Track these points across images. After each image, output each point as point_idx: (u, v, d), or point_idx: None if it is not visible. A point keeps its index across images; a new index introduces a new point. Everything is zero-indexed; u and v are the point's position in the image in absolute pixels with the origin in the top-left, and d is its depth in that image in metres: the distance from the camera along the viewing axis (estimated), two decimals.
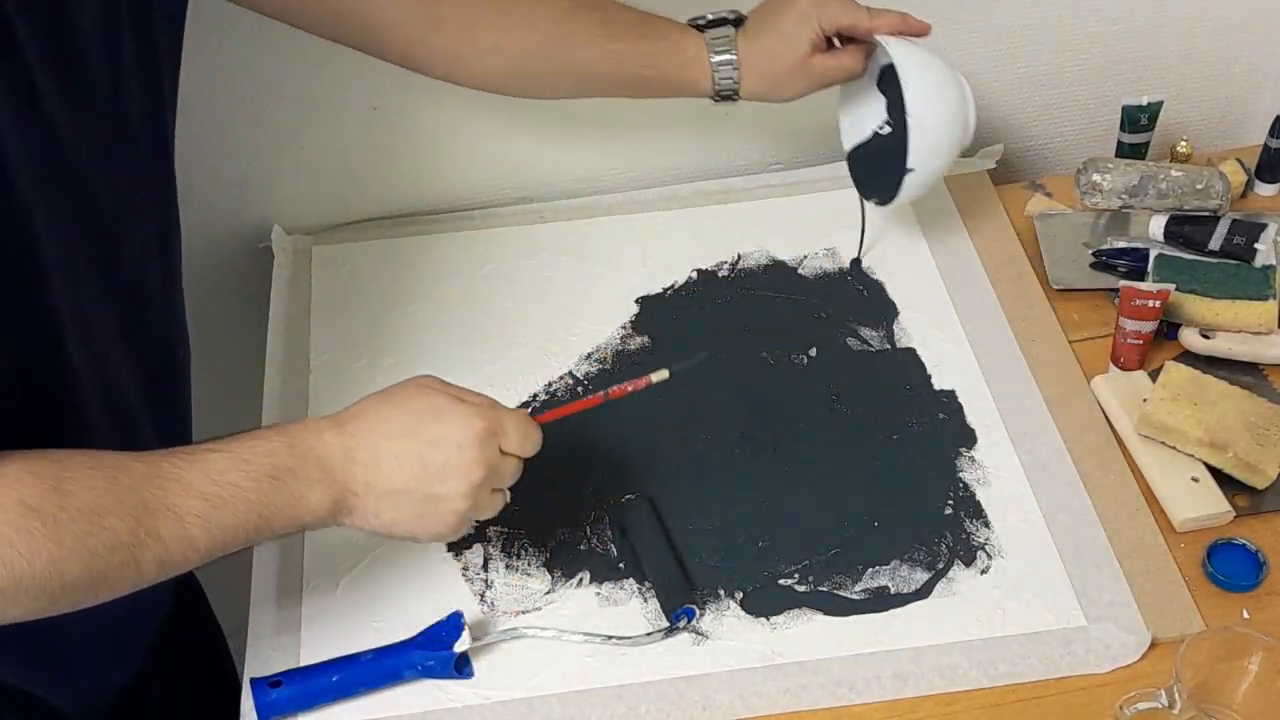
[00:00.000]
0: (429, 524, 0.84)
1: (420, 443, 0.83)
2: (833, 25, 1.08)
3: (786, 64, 1.08)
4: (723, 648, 0.94)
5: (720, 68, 1.07)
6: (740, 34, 1.08)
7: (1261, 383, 1.11)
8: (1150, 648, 0.93)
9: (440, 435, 0.83)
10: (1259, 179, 1.27)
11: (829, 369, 1.13)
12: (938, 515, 1.02)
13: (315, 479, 0.80)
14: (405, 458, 0.82)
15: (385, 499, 0.82)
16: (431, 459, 0.82)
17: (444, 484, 0.83)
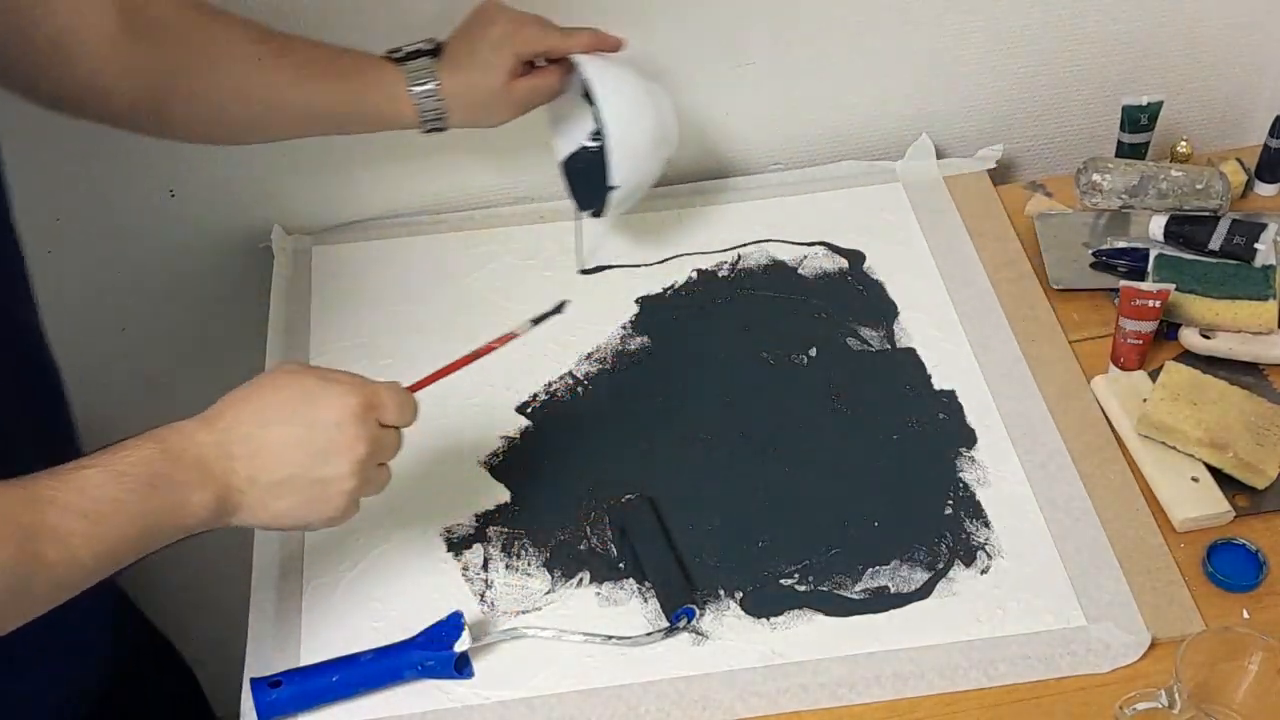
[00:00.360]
0: (320, 508, 0.83)
1: (298, 427, 0.82)
2: (529, 50, 1.07)
3: (487, 91, 1.07)
4: (723, 648, 0.94)
5: (423, 100, 1.05)
6: (440, 64, 1.06)
7: (1261, 383, 1.11)
8: (1150, 648, 0.93)
9: (316, 417, 0.82)
10: (1259, 179, 1.27)
11: (829, 369, 1.13)
12: (938, 515, 1.02)
13: (195, 481, 0.79)
14: (285, 445, 0.81)
15: (271, 490, 0.82)
16: (312, 442, 0.82)
17: (329, 465, 0.82)
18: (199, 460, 0.80)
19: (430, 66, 1.06)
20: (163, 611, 1.61)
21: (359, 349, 1.16)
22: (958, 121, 1.36)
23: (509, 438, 1.09)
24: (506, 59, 1.06)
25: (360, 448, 0.83)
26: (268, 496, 0.82)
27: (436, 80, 1.05)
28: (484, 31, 1.06)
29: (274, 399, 0.83)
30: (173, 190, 1.27)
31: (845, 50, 1.29)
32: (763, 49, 1.28)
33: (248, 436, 0.81)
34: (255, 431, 0.81)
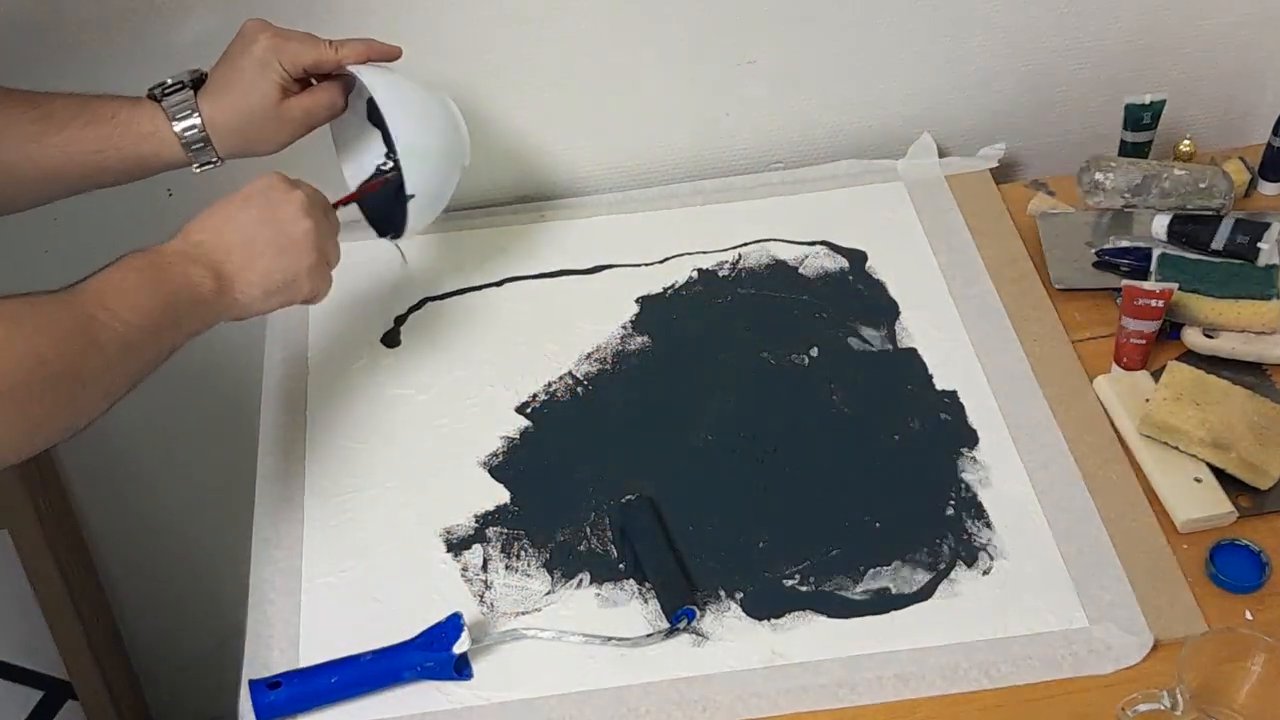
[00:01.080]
0: (294, 254, 0.93)
1: (238, 202, 0.93)
2: (296, 65, 1.02)
3: (257, 115, 1.02)
4: (723, 648, 0.94)
5: (186, 134, 1.00)
6: (202, 95, 1.01)
7: (1265, 383, 1.10)
8: (1152, 649, 0.92)
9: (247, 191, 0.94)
10: (1262, 178, 1.27)
11: (829, 369, 1.13)
12: (939, 516, 1.02)
13: (186, 262, 0.89)
14: (234, 215, 0.92)
15: (246, 250, 0.92)
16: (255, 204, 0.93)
17: (280, 211, 0.93)
18: (180, 252, 0.90)
19: (191, 99, 1.01)
20: (163, 611, 1.62)
21: (359, 349, 1.16)
22: (959, 120, 1.36)
23: (509, 438, 1.09)
24: (273, 77, 1.01)
25: (297, 192, 0.94)
26: (248, 256, 0.92)
27: (197, 112, 1.00)
28: (247, 51, 1.01)
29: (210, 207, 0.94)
30: (171, 190, 1.27)
31: (845, 50, 1.29)
32: (763, 49, 1.27)
33: (203, 226, 0.92)
34: (207, 221, 0.93)
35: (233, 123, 1.02)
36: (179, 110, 1.01)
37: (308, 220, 0.94)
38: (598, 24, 1.23)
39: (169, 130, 1.01)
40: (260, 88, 1.01)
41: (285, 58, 1.02)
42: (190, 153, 1.02)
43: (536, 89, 1.26)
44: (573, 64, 1.25)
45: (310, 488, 1.05)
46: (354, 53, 1.04)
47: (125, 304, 0.85)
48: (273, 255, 0.93)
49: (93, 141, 1.00)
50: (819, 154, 1.35)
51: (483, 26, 1.21)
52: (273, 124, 1.03)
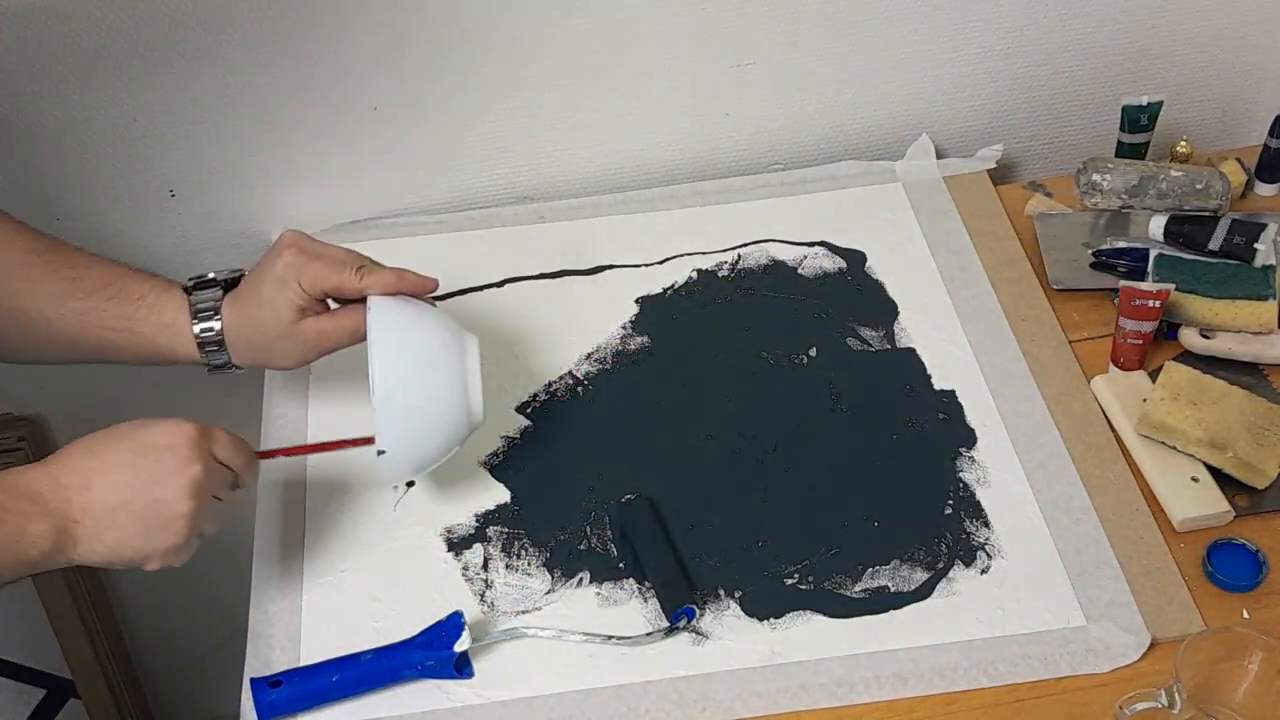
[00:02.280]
0: (157, 536, 0.83)
1: (129, 452, 0.83)
2: (316, 287, 0.96)
3: (271, 331, 0.96)
4: (723, 648, 0.94)
5: (202, 334, 0.97)
6: (230, 298, 0.98)
7: (1261, 383, 1.11)
8: (1150, 648, 0.93)
9: (148, 441, 0.83)
10: (1259, 179, 1.27)
11: (829, 369, 1.13)
12: (938, 515, 1.02)
13: (29, 511, 0.79)
14: (115, 469, 0.82)
15: (104, 519, 0.81)
16: (143, 465, 0.82)
17: (162, 486, 0.82)
18: (31, 493, 0.80)
19: (217, 300, 0.97)
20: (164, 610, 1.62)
21: (359, 349, 1.16)
22: (958, 121, 1.36)
23: (509, 438, 1.09)
24: (290, 296, 0.95)
25: (195, 466, 0.83)
26: (102, 525, 0.81)
27: (218, 316, 0.97)
28: (271, 265, 0.96)
29: (106, 435, 0.85)
30: (173, 190, 1.27)
31: (845, 50, 1.29)
32: (763, 49, 1.28)
33: (79, 467, 0.82)
34: (85, 460, 0.83)
35: (247, 334, 0.97)
36: (203, 309, 0.97)
37: (190, 503, 0.83)
38: (598, 24, 1.23)
39: (186, 327, 0.97)
40: (275, 305, 0.96)
41: (305, 278, 0.95)
42: (204, 353, 0.98)
43: (537, 89, 1.27)
44: (573, 64, 1.26)
45: (311, 488, 1.06)
46: (380, 283, 0.96)
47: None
48: (132, 531, 0.83)
49: (113, 319, 0.96)
50: (818, 155, 1.36)
51: (483, 26, 1.21)
52: (286, 343, 0.97)
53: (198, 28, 1.16)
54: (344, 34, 1.19)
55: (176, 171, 1.26)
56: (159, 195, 1.27)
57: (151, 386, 1.41)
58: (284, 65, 1.20)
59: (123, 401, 1.40)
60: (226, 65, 1.19)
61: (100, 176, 1.24)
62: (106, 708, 1.52)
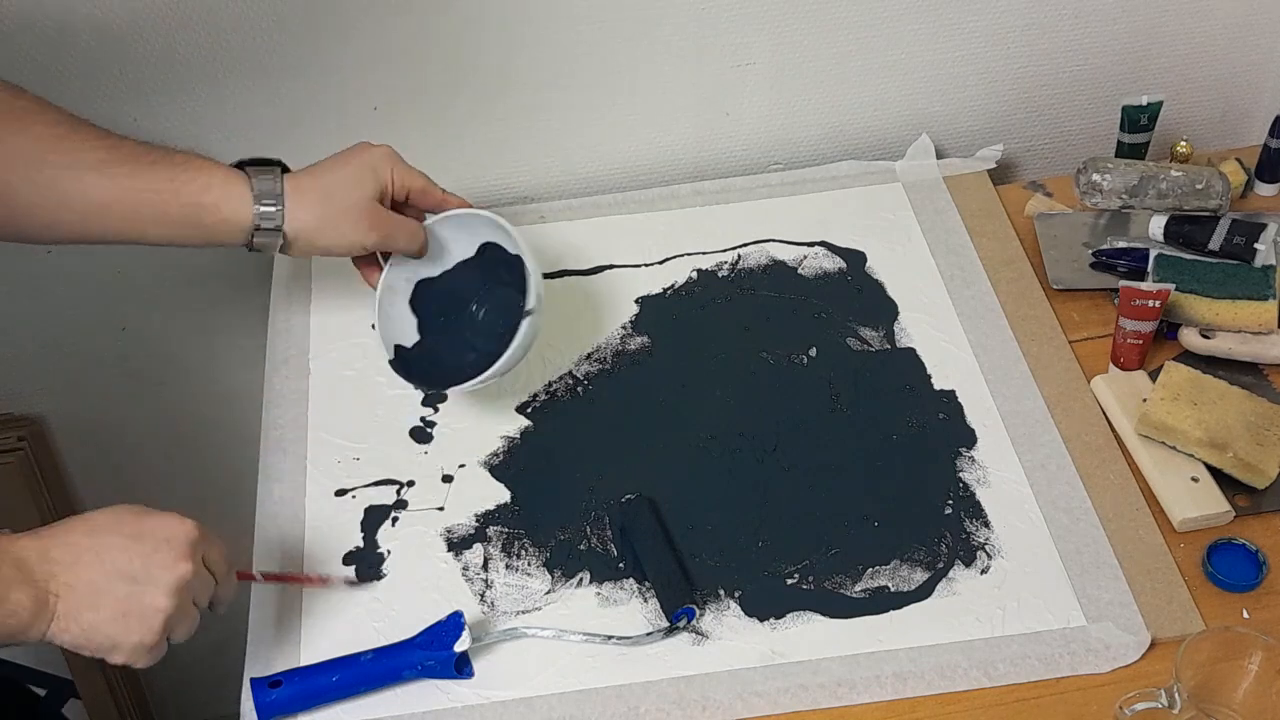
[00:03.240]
0: (131, 626, 0.81)
1: (125, 536, 0.82)
2: (403, 183, 1.02)
3: (341, 203, 0.98)
4: (723, 648, 0.94)
5: (260, 191, 0.96)
6: (292, 174, 0.99)
7: (1261, 383, 1.11)
8: (1150, 648, 0.93)
9: (147, 530, 0.83)
10: (1259, 179, 1.27)
11: (829, 369, 1.13)
12: (937, 515, 1.02)
13: (12, 579, 0.79)
14: (107, 550, 0.81)
15: (86, 598, 0.80)
16: (136, 552, 0.82)
17: (149, 578, 0.81)
18: (19, 560, 0.80)
19: (277, 171, 0.98)
20: None
21: (359, 349, 1.16)
22: (958, 121, 1.36)
23: (509, 438, 1.09)
24: (377, 179, 1.00)
25: (185, 566, 0.83)
26: (82, 604, 0.80)
27: (282, 183, 0.97)
28: (362, 153, 1.01)
29: (108, 515, 0.84)
30: None
31: (845, 50, 1.29)
32: (763, 49, 1.28)
33: (73, 544, 0.81)
34: (80, 538, 0.82)
35: (312, 201, 0.98)
36: (263, 176, 0.97)
37: (171, 600, 0.82)
38: (598, 24, 1.23)
39: (240, 185, 0.96)
40: (360, 180, 0.99)
41: (398, 171, 1.01)
42: (258, 212, 0.96)
43: (537, 89, 1.27)
44: (573, 64, 1.26)
45: (310, 488, 1.06)
46: (459, 202, 1.05)
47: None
48: (108, 616, 0.81)
49: (158, 180, 0.94)
50: (818, 155, 1.36)
51: (482, 27, 1.22)
52: (351, 219, 0.99)
53: (197, 30, 1.16)
54: (344, 34, 1.19)
55: None
56: None
57: (155, 386, 1.42)
58: (283, 66, 1.20)
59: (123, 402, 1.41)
60: (225, 67, 1.19)
61: None
62: (106, 708, 1.52)
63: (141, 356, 1.38)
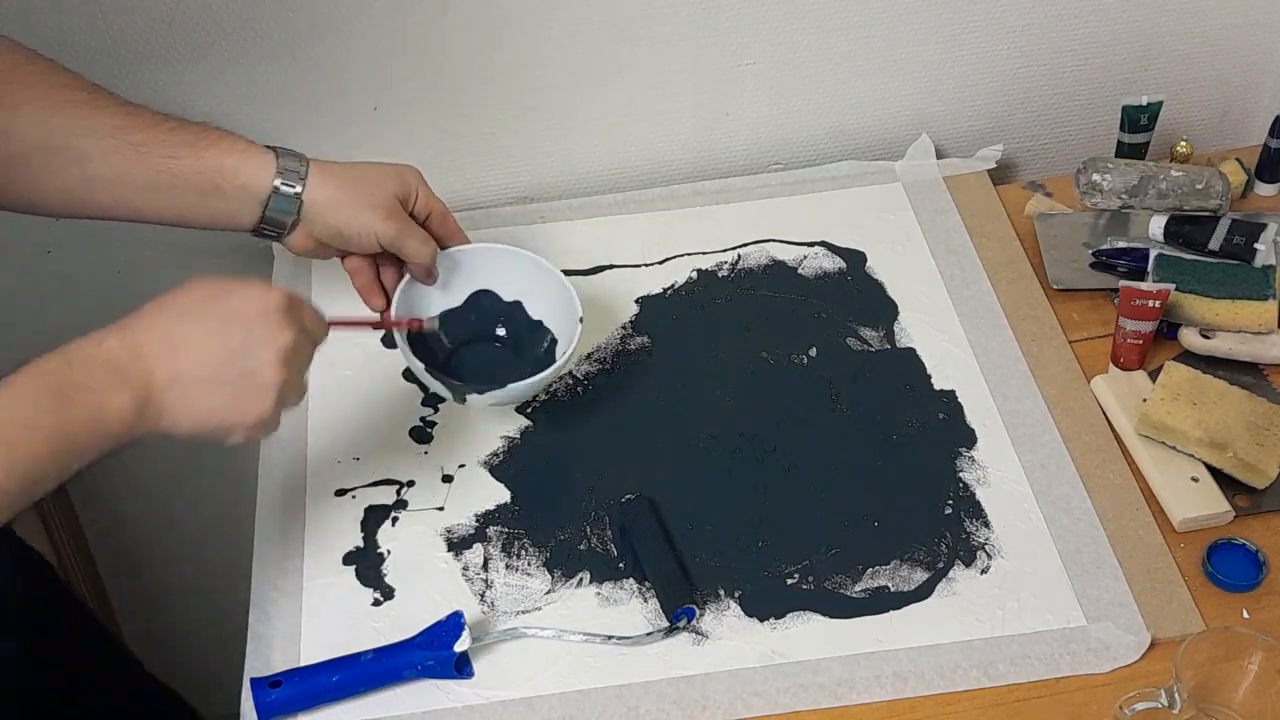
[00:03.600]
0: (245, 406, 0.80)
1: (217, 320, 0.80)
2: (425, 204, 1.03)
3: (366, 195, 0.98)
4: (723, 648, 0.94)
5: (285, 166, 0.95)
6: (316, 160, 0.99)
7: (1261, 383, 1.11)
8: (1150, 648, 0.93)
9: (236, 309, 0.80)
10: (1259, 179, 1.27)
11: (829, 369, 1.13)
12: (937, 515, 1.02)
13: (108, 384, 0.76)
14: (204, 338, 0.79)
15: (194, 387, 0.78)
16: (234, 334, 0.79)
17: (254, 356, 0.79)
18: (110, 364, 0.76)
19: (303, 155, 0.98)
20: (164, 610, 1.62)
21: (359, 349, 1.16)
22: (958, 121, 1.36)
23: (509, 438, 1.09)
24: (401, 188, 1.00)
25: (287, 335, 0.81)
26: (190, 395, 0.78)
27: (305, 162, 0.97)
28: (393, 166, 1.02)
29: (189, 296, 0.81)
30: None
31: (845, 50, 1.29)
32: (763, 49, 1.28)
33: (165, 333, 0.78)
34: (172, 326, 0.79)
35: (334, 186, 0.97)
36: (287, 153, 0.97)
37: (281, 372, 0.81)
38: (598, 24, 1.23)
39: (263, 154, 0.95)
40: (383, 182, 0.99)
41: (422, 191, 1.02)
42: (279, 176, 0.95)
43: (537, 89, 1.27)
44: (573, 64, 1.26)
45: (310, 487, 1.06)
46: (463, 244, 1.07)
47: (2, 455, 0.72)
48: (221, 401, 0.80)
49: (176, 146, 0.93)
50: (818, 155, 1.36)
51: (483, 27, 1.22)
52: (372, 207, 0.98)
53: (196, 29, 1.16)
54: (344, 34, 1.18)
55: None
56: None
57: None
58: (283, 65, 1.20)
59: None
60: (225, 65, 1.19)
61: None
62: None
63: None
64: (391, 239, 1.00)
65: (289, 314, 0.82)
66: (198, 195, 0.94)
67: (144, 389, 0.77)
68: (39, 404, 0.74)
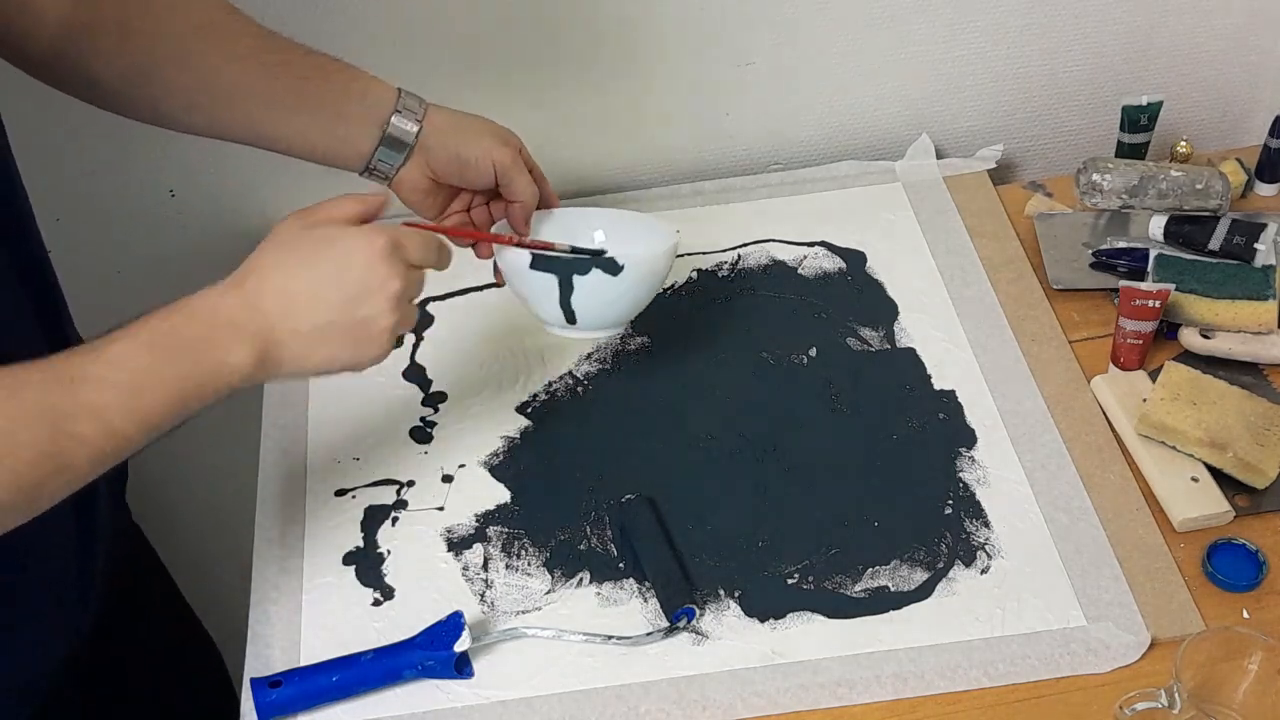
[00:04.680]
0: (364, 349, 0.84)
1: (329, 271, 0.82)
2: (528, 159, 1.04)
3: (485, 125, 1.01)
4: (723, 648, 0.94)
5: (407, 96, 0.98)
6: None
7: (1261, 383, 1.11)
8: (1150, 648, 0.93)
9: (346, 259, 0.83)
10: (1259, 179, 1.27)
11: (829, 369, 1.13)
12: (938, 515, 1.02)
13: (230, 339, 0.79)
14: (319, 290, 0.82)
15: (313, 338, 0.82)
16: (347, 283, 0.82)
17: (367, 304, 0.83)
18: (231, 321, 0.79)
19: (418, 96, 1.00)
20: None
21: None
22: (958, 121, 1.36)
23: (509, 438, 1.09)
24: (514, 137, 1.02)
25: (395, 283, 0.83)
26: (310, 346, 0.82)
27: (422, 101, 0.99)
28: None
29: (298, 250, 0.83)
30: (173, 190, 1.27)
31: (845, 50, 1.29)
32: (763, 49, 1.28)
33: (279, 288, 0.81)
34: (286, 282, 0.82)
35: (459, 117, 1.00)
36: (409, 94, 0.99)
37: (394, 316, 0.84)
38: (597, 25, 1.23)
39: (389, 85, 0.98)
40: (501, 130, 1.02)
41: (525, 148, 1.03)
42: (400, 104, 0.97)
43: (537, 90, 1.27)
44: (572, 65, 1.26)
45: (310, 488, 1.06)
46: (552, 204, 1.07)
47: (120, 408, 0.75)
48: (340, 346, 0.83)
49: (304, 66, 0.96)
50: (818, 155, 1.36)
51: (483, 28, 1.22)
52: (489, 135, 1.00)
53: None
54: (343, 34, 1.18)
55: (176, 171, 1.26)
56: (159, 195, 1.27)
57: None
58: None
59: None
60: None
61: (100, 176, 1.24)
62: None
63: None
64: (507, 166, 1.01)
65: (394, 258, 0.84)
66: (322, 117, 0.97)
67: (264, 342, 0.80)
68: (162, 356, 0.77)
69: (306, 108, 0.97)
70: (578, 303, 1.00)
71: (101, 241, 1.29)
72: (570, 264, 0.99)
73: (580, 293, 0.99)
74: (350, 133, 0.98)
